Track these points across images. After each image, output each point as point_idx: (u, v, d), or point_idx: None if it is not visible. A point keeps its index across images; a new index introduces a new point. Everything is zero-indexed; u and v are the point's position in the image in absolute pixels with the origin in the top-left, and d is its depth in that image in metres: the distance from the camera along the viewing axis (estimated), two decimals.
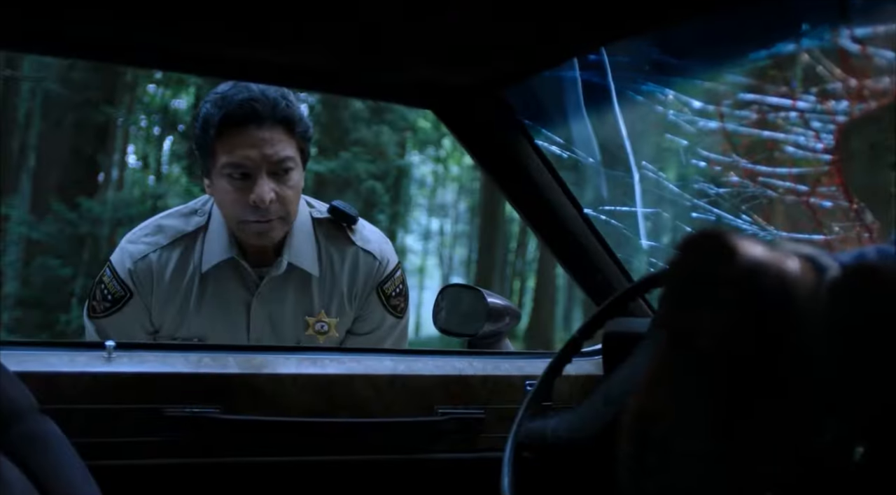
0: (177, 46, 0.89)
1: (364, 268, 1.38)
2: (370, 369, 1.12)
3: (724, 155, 0.82)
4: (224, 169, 1.25)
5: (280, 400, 1.08)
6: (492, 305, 1.29)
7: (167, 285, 1.33)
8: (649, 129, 0.87)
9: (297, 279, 1.35)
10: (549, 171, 1.10)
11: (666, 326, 0.58)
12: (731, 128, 0.79)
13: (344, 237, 1.38)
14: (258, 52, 0.91)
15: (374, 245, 1.39)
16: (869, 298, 0.43)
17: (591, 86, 0.92)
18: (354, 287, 1.37)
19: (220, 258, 1.32)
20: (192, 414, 1.04)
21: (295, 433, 1.08)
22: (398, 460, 1.14)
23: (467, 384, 1.16)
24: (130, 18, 0.82)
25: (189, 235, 1.34)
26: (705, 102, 0.80)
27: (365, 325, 1.41)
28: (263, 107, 1.22)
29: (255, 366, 1.08)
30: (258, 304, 1.34)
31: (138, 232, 1.38)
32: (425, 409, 1.14)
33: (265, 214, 1.25)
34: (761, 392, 0.53)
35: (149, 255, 1.33)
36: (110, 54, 0.96)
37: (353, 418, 1.10)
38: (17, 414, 0.79)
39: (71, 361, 1.01)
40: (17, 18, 0.81)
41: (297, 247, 1.33)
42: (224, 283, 1.34)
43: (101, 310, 1.34)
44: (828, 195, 0.80)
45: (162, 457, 1.04)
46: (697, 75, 0.78)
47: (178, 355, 1.08)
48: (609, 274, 1.20)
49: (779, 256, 0.53)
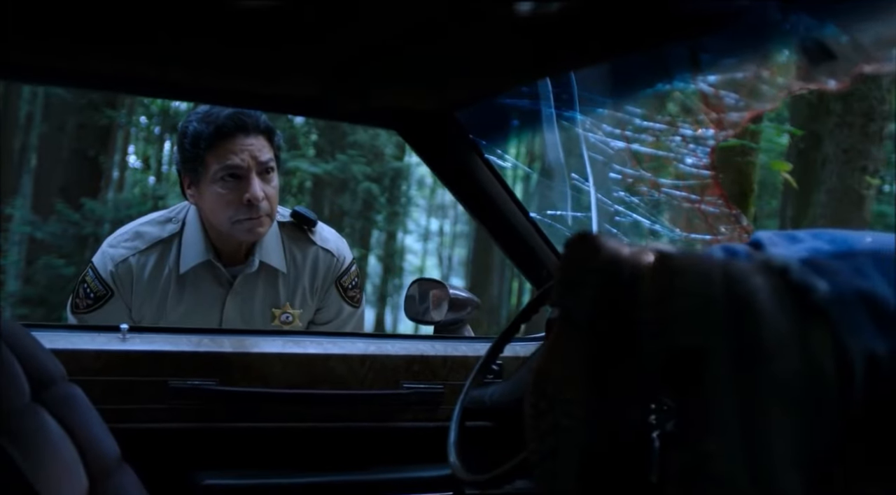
0: (177, 79, 1.07)
1: (324, 265, 1.54)
2: (345, 349, 1.30)
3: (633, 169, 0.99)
4: (217, 174, 1.39)
5: (268, 374, 1.25)
6: (454, 296, 1.47)
7: (145, 285, 1.46)
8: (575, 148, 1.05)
9: (266, 275, 1.50)
10: (499, 182, 1.28)
11: (556, 305, 0.77)
12: (635, 147, 0.97)
13: (305, 238, 1.54)
14: (249, 84, 1.09)
15: (332, 244, 1.55)
16: (658, 281, 0.61)
17: (528, 111, 1.10)
18: (315, 281, 1.53)
19: (197, 260, 1.46)
20: (193, 386, 1.20)
21: (280, 403, 1.25)
22: (369, 427, 1.31)
23: (429, 363, 1.34)
24: (134, 58, 0.98)
25: (164, 241, 1.47)
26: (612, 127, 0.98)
27: (326, 315, 1.57)
28: (248, 118, 1.39)
29: (246, 346, 1.26)
30: (231, 299, 1.49)
31: (118, 237, 1.50)
32: (392, 384, 1.31)
33: (257, 212, 1.39)
34: (619, 354, 0.70)
35: (128, 259, 1.46)
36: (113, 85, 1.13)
37: (330, 390, 1.27)
38: (52, 379, 0.97)
39: (92, 340, 1.18)
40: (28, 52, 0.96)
41: (267, 246, 1.49)
42: (200, 282, 1.48)
43: (84, 307, 1.47)
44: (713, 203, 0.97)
45: (167, 422, 1.20)
46: (604, 106, 0.96)
47: (182, 337, 1.25)
48: (553, 268, 1.38)
49: (632, 251, 0.71)
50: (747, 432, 0.56)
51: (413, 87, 1.10)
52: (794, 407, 0.57)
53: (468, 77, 1.03)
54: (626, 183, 1.00)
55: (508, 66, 0.95)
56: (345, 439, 1.31)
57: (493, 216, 1.30)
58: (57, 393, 0.97)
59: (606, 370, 0.67)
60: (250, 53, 0.97)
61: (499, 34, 0.81)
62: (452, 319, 1.48)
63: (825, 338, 0.57)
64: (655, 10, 0.73)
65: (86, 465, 0.93)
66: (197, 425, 1.22)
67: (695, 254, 0.68)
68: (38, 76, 1.12)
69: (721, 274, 0.60)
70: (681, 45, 0.77)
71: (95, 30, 0.82)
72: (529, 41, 0.82)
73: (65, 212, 6.92)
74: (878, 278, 0.60)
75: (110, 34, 0.84)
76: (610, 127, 0.98)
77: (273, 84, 1.07)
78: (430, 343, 1.37)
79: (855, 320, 0.58)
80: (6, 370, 0.86)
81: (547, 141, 1.10)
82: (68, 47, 0.90)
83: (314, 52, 0.94)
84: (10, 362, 0.88)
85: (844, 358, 0.57)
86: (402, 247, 14.78)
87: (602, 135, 1.00)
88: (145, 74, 1.03)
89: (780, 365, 0.57)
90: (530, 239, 1.33)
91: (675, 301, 0.60)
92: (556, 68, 0.96)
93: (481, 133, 1.20)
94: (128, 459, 1.02)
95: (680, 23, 0.74)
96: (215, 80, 1.06)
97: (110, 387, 1.16)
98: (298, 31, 0.84)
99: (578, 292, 0.72)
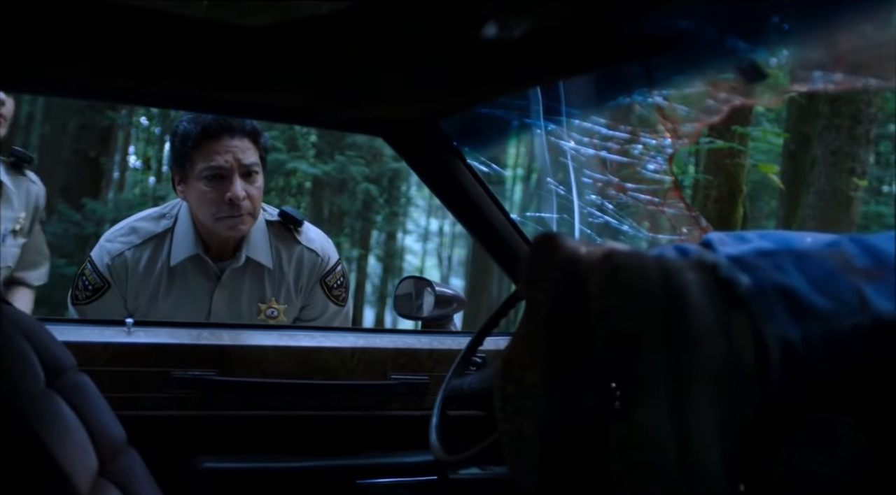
0: (182, 93, 1.15)
1: (308, 264, 1.61)
2: (336, 343, 1.39)
3: (602, 174, 1.07)
4: (203, 172, 1.46)
5: (264, 366, 1.33)
6: (440, 293, 1.56)
7: (140, 278, 1.54)
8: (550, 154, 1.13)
9: (253, 271, 1.57)
10: (481, 185, 1.37)
11: (523, 299, 0.85)
12: (603, 154, 1.05)
13: (291, 237, 1.61)
14: (245, 96, 1.17)
15: (317, 244, 1.63)
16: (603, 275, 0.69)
17: (507, 120, 1.18)
18: (300, 279, 1.60)
19: (187, 254, 1.53)
20: (193, 377, 1.28)
21: (276, 392, 1.33)
22: (359, 415, 1.39)
23: (415, 356, 1.42)
24: (146, 75, 1.07)
25: (158, 236, 1.55)
26: (581, 136, 1.06)
27: (311, 312, 1.64)
28: (234, 120, 1.47)
29: (243, 339, 1.34)
30: (219, 293, 1.56)
31: (115, 232, 1.58)
32: (381, 375, 1.39)
33: (238, 210, 1.47)
34: (575, 342, 0.78)
35: (124, 253, 1.54)
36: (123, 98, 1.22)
37: (323, 381, 1.35)
38: (64, 368, 1.05)
39: (100, 333, 1.27)
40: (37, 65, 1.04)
41: (254, 243, 1.56)
42: (190, 275, 1.56)
43: (83, 299, 1.55)
44: (674, 206, 1.05)
45: (170, 410, 1.28)
46: (574, 117, 1.04)
47: (184, 330, 1.34)
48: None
49: (586, 249, 0.79)
50: (675, 407, 0.64)
51: (398, 98, 1.18)
52: (717, 385, 0.65)
53: (449, 89, 1.11)
54: (597, 187, 1.08)
55: (485, 80, 1.03)
56: (336, 426, 1.39)
57: (476, 217, 1.38)
58: (68, 381, 1.05)
59: (564, 356, 0.74)
60: (247, 68, 1.05)
61: (472, 53, 0.89)
62: (439, 315, 1.57)
63: (745, 325, 0.66)
64: (612, 35, 0.81)
65: (95, 447, 1.00)
66: (197, 413, 1.30)
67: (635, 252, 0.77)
68: (58, 89, 1.20)
69: (657, 269, 0.68)
70: (636, 64, 0.86)
71: (116, 51, 0.91)
72: (502, 59, 0.90)
73: (66, 212, 6.99)
74: (796, 274, 0.69)
75: (128, 55, 0.93)
76: (579, 136, 1.06)
77: (267, 95, 1.16)
78: (417, 337, 1.46)
79: (772, 310, 0.66)
80: (23, 358, 0.94)
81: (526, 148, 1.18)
82: (91, 67, 0.98)
83: (305, 67, 1.02)
84: (27, 351, 0.96)
85: (762, 343, 0.65)
86: (402, 247, 14.84)
87: (573, 144, 1.08)
88: (153, 89, 1.11)
89: (705, 349, 0.65)
90: (511, 239, 1.41)
91: (617, 293, 0.69)
92: (527, 83, 1.04)
93: (463, 140, 1.29)
94: (133, 443, 1.10)
95: (633, 45, 0.82)
96: (215, 92, 1.14)
97: (116, 377, 1.24)
98: (291, 48, 0.92)
99: (539, 286, 0.80)
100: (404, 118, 1.25)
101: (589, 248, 0.80)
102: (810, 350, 0.66)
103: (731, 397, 0.65)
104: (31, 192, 1.82)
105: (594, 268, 0.74)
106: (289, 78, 1.07)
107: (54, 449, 0.82)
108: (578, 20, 0.78)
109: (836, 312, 0.66)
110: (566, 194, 1.23)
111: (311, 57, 0.98)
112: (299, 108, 1.20)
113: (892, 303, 0.66)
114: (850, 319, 0.66)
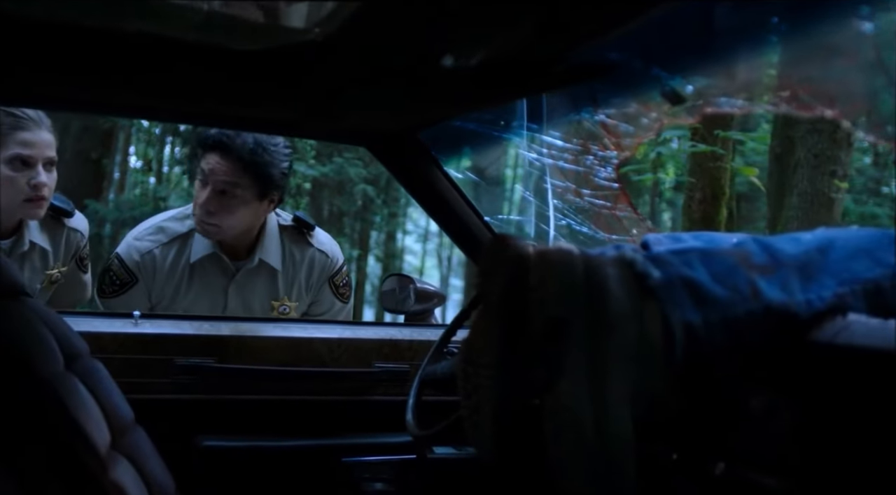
0: (182, 108, 1.28)
1: (319, 264, 1.75)
2: (325, 333, 1.51)
3: (561, 181, 1.20)
4: (199, 174, 1.62)
5: (259, 354, 1.45)
6: (421, 289, 1.69)
7: (165, 274, 1.68)
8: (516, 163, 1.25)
9: (266, 271, 1.71)
10: (456, 190, 1.50)
11: (479, 291, 0.97)
12: (560, 164, 1.18)
13: (304, 240, 1.76)
14: (238, 110, 1.29)
15: (327, 247, 1.77)
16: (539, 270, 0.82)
17: (478, 132, 1.31)
18: (311, 278, 1.75)
19: (206, 252, 1.67)
20: (194, 364, 1.40)
21: (268, 379, 1.45)
22: (345, 400, 1.51)
23: (397, 346, 1.54)
24: (148, 92, 1.19)
25: (183, 235, 1.69)
26: (540, 147, 1.19)
27: (319, 308, 1.79)
28: (235, 143, 1.58)
29: (241, 330, 1.47)
30: (234, 289, 1.70)
31: (143, 231, 1.71)
32: (365, 364, 1.51)
33: (205, 216, 1.61)
34: (521, 327, 0.89)
35: (153, 251, 1.68)
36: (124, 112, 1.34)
37: (312, 368, 1.47)
38: (79, 354, 1.17)
39: (110, 325, 1.39)
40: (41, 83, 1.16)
41: (267, 247, 1.70)
42: (208, 272, 1.69)
43: (110, 292, 1.69)
44: (624, 210, 1.17)
45: (173, 394, 1.40)
46: (533, 131, 1.18)
47: (185, 322, 1.46)
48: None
49: (532, 248, 0.92)
50: (593, 379, 0.77)
51: (379, 113, 1.31)
52: (630, 362, 0.78)
53: (424, 105, 1.24)
54: (558, 193, 1.20)
55: (453, 99, 1.16)
56: (324, 410, 1.51)
57: (451, 219, 1.51)
58: (83, 365, 1.17)
59: (512, 339, 0.85)
60: (243, 86, 1.18)
61: (439, 76, 1.02)
62: (420, 309, 1.70)
63: (655, 312, 0.78)
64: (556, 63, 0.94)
65: (108, 423, 1.13)
66: (198, 396, 1.42)
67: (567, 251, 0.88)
68: (62, 105, 1.33)
69: (583, 265, 0.81)
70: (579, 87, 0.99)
71: (120, 70, 1.03)
72: (464, 82, 1.03)
73: None
74: (701, 269, 0.82)
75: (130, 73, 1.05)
76: (539, 147, 1.19)
77: (260, 110, 1.28)
78: (399, 329, 1.59)
79: (678, 299, 0.79)
80: (45, 343, 1.07)
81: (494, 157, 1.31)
82: (98, 85, 1.11)
83: (295, 86, 1.15)
84: (48, 337, 1.08)
85: (668, 326, 0.78)
86: (402, 247, 14.90)
87: (535, 155, 1.21)
88: (155, 105, 1.24)
89: (620, 331, 0.78)
90: (483, 238, 1.53)
91: (549, 285, 0.81)
92: (487, 103, 1.17)
93: (440, 150, 1.42)
94: (140, 423, 1.21)
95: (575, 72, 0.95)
96: (212, 107, 1.27)
97: (125, 364, 1.36)
98: (282, 69, 1.05)
99: (492, 280, 0.92)
100: (386, 130, 1.38)
101: (533, 248, 0.92)
102: (710, 332, 0.78)
103: (641, 372, 0.78)
104: (72, 241, 1.77)
105: (533, 265, 0.87)
106: (280, 95, 1.20)
107: (78, 418, 0.95)
108: (526, 51, 0.91)
109: (732, 300, 0.79)
110: (532, 199, 1.36)
111: (300, 77, 1.10)
112: (289, 121, 1.32)
113: (781, 293, 0.79)
114: (744, 306, 0.79)
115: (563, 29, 0.81)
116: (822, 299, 0.80)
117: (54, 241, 1.72)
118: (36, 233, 1.67)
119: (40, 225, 1.69)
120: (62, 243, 1.73)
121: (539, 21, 0.78)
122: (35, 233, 1.67)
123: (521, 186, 1.35)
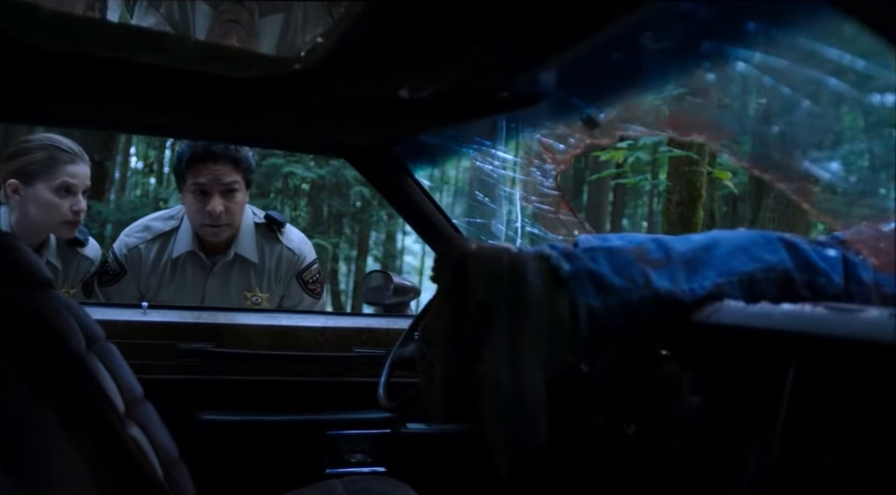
0: (183, 125, 1.47)
1: (286, 260, 1.92)
2: (309, 322, 1.70)
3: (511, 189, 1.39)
4: (191, 188, 1.79)
5: (251, 340, 1.63)
6: (398, 284, 1.88)
7: (149, 267, 1.86)
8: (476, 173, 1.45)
9: (240, 265, 1.89)
10: (427, 197, 1.69)
11: (434, 281, 1.17)
12: (510, 174, 1.37)
13: (274, 237, 1.92)
14: (234, 127, 1.48)
15: (296, 244, 1.93)
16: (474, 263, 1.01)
17: (443, 146, 1.51)
18: (279, 273, 1.91)
19: (186, 250, 1.86)
20: (195, 348, 1.58)
21: (260, 362, 1.63)
22: (327, 381, 1.69)
23: (374, 334, 1.73)
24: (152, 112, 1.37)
25: (166, 233, 1.88)
26: (492, 160, 1.39)
27: (289, 302, 1.96)
28: (217, 148, 1.77)
29: (235, 319, 1.66)
30: (211, 281, 1.88)
31: (133, 229, 1.92)
32: (345, 349, 1.69)
33: (217, 221, 1.78)
34: (465, 311, 1.08)
35: (138, 246, 1.87)
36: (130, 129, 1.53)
37: (298, 353, 1.65)
38: (97, 337, 1.36)
39: (122, 313, 1.58)
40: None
41: (243, 242, 1.86)
42: (188, 267, 1.88)
43: (106, 281, 1.88)
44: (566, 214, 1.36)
45: (176, 374, 1.58)
46: (486, 146, 1.37)
47: (187, 312, 1.65)
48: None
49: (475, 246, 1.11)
50: (512, 349, 0.96)
51: (356, 129, 1.50)
52: (542, 336, 0.97)
53: (393, 124, 1.43)
54: (511, 199, 1.40)
55: (414, 120, 1.35)
56: (309, 389, 1.68)
57: (422, 222, 1.69)
58: (101, 347, 1.35)
59: (459, 322, 1.04)
60: (235, 106, 1.36)
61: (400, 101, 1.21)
62: (398, 301, 1.89)
63: (564, 297, 0.97)
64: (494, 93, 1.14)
65: (122, 396, 1.32)
66: (198, 377, 1.59)
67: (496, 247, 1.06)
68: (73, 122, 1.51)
69: (508, 259, 1.00)
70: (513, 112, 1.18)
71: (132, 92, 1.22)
72: (421, 106, 1.22)
73: None
74: (604, 263, 1.01)
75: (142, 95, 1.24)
76: (492, 159, 1.39)
77: (250, 127, 1.47)
78: (377, 319, 1.78)
79: (583, 287, 0.98)
80: (70, 326, 1.26)
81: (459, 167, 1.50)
82: (108, 106, 1.30)
83: (282, 106, 1.33)
84: (71, 321, 1.27)
85: (575, 309, 0.97)
86: (402, 248, 15.04)
87: (491, 166, 1.41)
88: (159, 122, 1.43)
89: (535, 313, 0.97)
90: None
91: (480, 275, 1.01)
92: (442, 123, 1.36)
93: (411, 161, 1.61)
94: (147, 399, 1.40)
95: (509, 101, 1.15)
96: (211, 125, 1.46)
97: (134, 348, 1.54)
98: (270, 92, 1.23)
99: (443, 273, 1.11)
100: (362, 144, 1.57)
101: (476, 245, 1.11)
102: (609, 314, 0.97)
103: (552, 344, 0.97)
104: (82, 267, 1.89)
105: (471, 261, 1.06)
106: (269, 115, 1.39)
107: (103, 384, 1.14)
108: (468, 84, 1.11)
109: (628, 288, 0.98)
110: (490, 204, 1.55)
111: (286, 101, 1.29)
112: (277, 136, 1.51)
113: (669, 283, 0.98)
114: (638, 293, 0.98)
115: (493, 70, 1.01)
116: (703, 288, 0.99)
117: (66, 264, 1.86)
118: (52, 254, 1.83)
119: (56, 248, 1.84)
120: (73, 267, 1.88)
121: (471, 65, 0.98)
122: (52, 254, 1.82)
123: (479, 193, 1.55)
